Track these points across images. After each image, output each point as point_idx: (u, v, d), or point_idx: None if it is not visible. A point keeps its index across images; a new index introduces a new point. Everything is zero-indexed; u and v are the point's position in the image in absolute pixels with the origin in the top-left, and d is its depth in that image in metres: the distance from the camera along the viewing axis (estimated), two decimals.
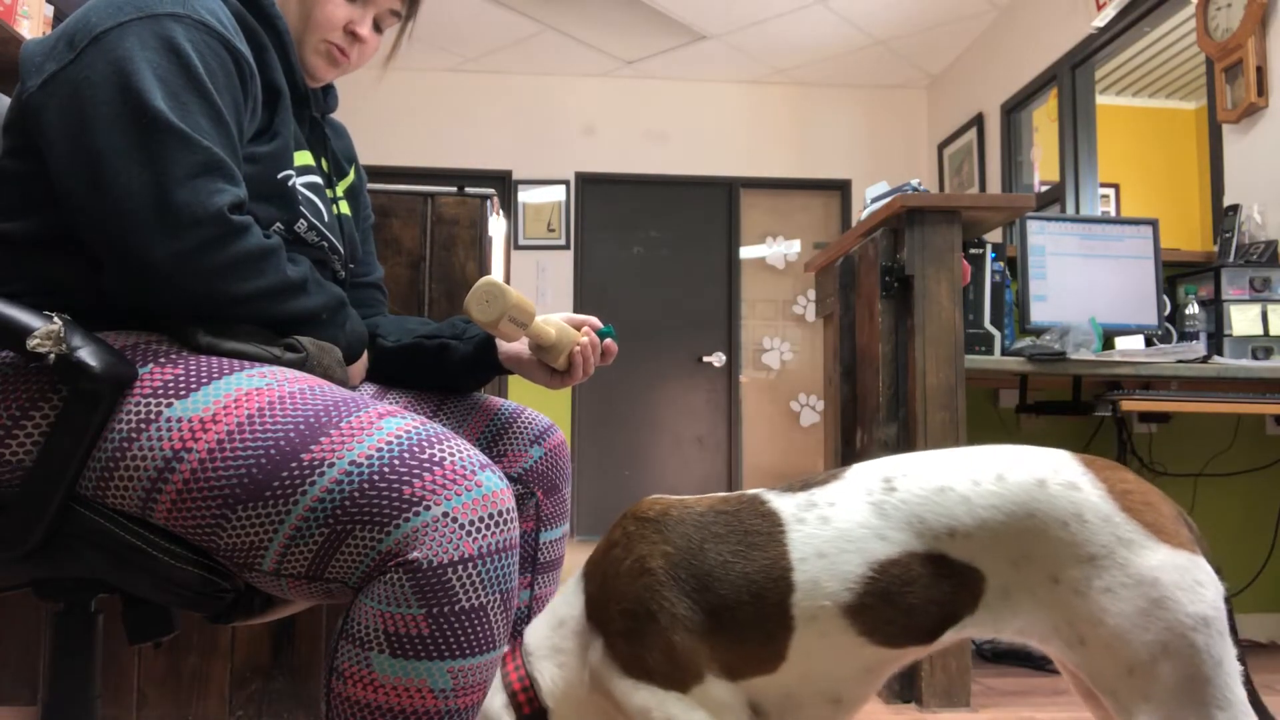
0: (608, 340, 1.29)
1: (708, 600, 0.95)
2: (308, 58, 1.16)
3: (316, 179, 1.17)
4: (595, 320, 1.30)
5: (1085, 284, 2.47)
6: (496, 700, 1.03)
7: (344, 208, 1.26)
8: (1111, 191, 6.11)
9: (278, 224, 1.06)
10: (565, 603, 1.06)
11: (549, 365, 1.27)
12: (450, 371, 1.31)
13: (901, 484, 0.95)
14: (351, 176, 1.32)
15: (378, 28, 1.21)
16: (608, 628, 0.99)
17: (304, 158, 1.16)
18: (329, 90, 1.27)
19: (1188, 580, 0.85)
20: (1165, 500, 0.91)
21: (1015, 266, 2.45)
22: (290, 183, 1.09)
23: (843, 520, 0.94)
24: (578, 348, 1.25)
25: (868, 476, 0.97)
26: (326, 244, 1.15)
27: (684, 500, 1.04)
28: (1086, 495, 0.89)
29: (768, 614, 0.94)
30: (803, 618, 0.93)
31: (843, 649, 0.94)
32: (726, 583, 0.95)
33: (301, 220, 1.10)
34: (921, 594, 0.92)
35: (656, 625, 0.96)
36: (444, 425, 1.28)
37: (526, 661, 1.05)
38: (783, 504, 0.98)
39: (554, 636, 1.04)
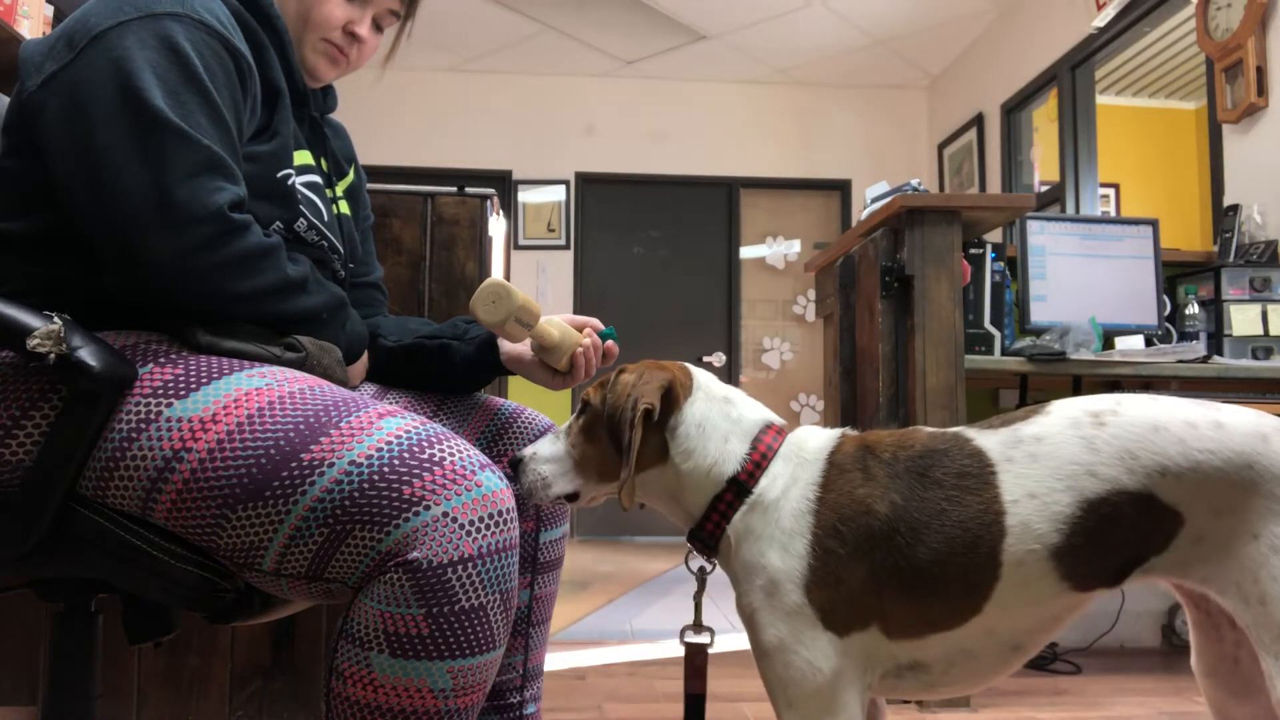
0: (609, 342, 1.30)
1: (918, 555, 0.92)
2: (307, 57, 1.16)
3: (316, 178, 1.17)
4: (597, 322, 1.30)
5: (1085, 284, 2.46)
6: (739, 448, 1.01)
7: (343, 207, 1.26)
8: (1111, 191, 6.10)
9: (277, 223, 1.06)
10: (810, 462, 1.00)
11: (551, 366, 1.27)
12: (451, 372, 1.31)
13: (1112, 420, 0.93)
14: (351, 176, 1.32)
15: (378, 28, 1.21)
16: (816, 532, 0.95)
17: (303, 157, 1.16)
18: (328, 90, 1.27)
19: None
20: None
21: (1015, 266, 2.45)
22: (290, 182, 1.09)
23: (1052, 457, 0.92)
24: (580, 349, 1.25)
25: (1073, 411, 0.95)
26: (326, 243, 1.15)
27: (900, 440, 1.00)
28: None
29: (978, 564, 0.91)
30: (1010, 564, 0.91)
31: (1040, 596, 0.92)
32: (941, 534, 0.92)
33: (301, 219, 1.10)
34: (1123, 533, 0.91)
35: (858, 565, 0.93)
36: (444, 425, 1.28)
37: (780, 449, 1.02)
38: (988, 442, 0.96)
39: (796, 462, 1.00)
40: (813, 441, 1.03)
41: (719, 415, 1.04)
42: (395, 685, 0.84)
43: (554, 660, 2.40)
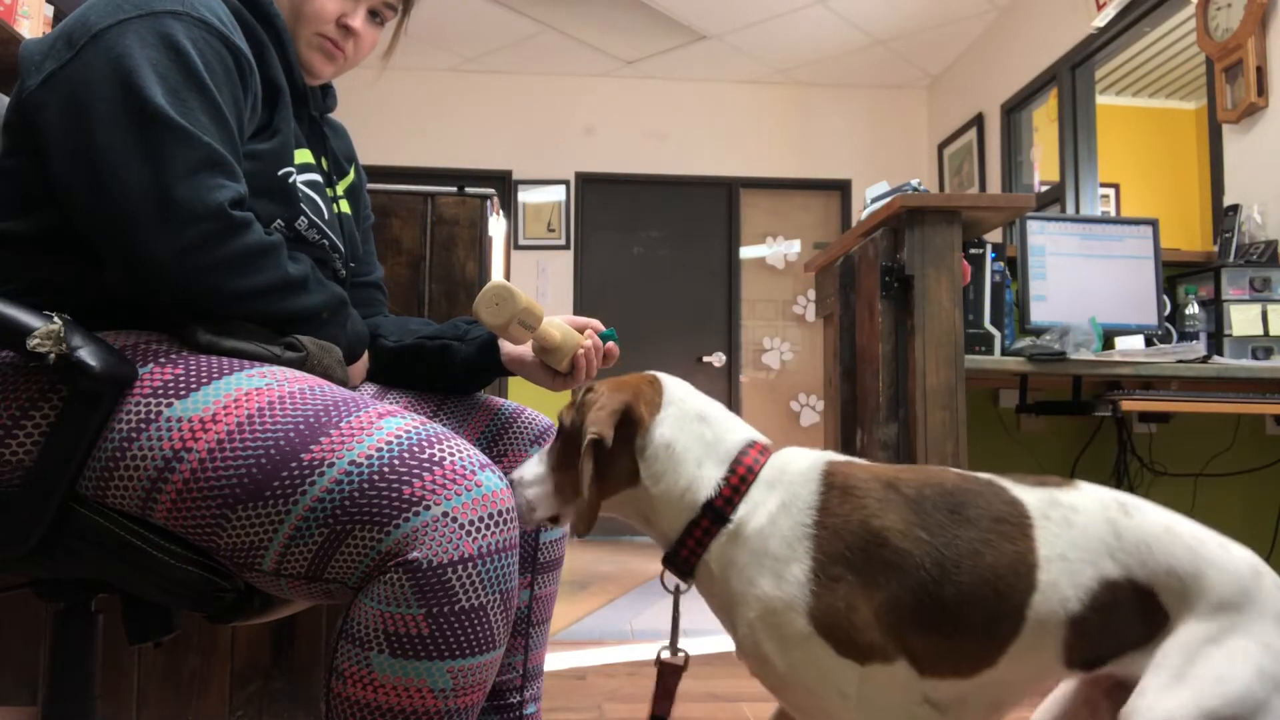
0: (609, 343, 1.29)
1: (945, 593, 0.89)
2: (303, 53, 1.15)
3: (316, 177, 1.17)
4: (597, 323, 1.30)
5: (1085, 284, 2.46)
6: (714, 472, 0.97)
7: (344, 206, 1.26)
8: (1111, 191, 6.10)
9: (278, 221, 1.06)
10: (798, 486, 0.95)
11: (552, 368, 1.27)
12: (452, 373, 1.31)
13: (1135, 513, 0.94)
14: (351, 176, 1.32)
15: (378, 22, 1.21)
16: (818, 558, 0.91)
17: (304, 156, 1.16)
18: (328, 90, 1.27)
19: None
20: None
21: (1015, 266, 2.45)
22: (290, 180, 1.09)
23: (1084, 528, 0.93)
24: (581, 351, 1.25)
25: (1103, 494, 0.96)
26: (327, 242, 1.15)
27: (925, 476, 0.96)
28: None
29: (1004, 613, 0.90)
30: (1032, 620, 0.90)
31: (1039, 662, 0.92)
32: (972, 576, 0.90)
33: (302, 218, 1.10)
34: (1121, 620, 0.92)
35: (873, 594, 0.89)
36: (444, 425, 1.28)
37: (761, 472, 0.97)
38: (1025, 495, 0.95)
39: (783, 486, 0.96)
40: (798, 464, 0.98)
41: (691, 436, 0.98)
42: (395, 685, 0.84)
43: (554, 660, 2.40)
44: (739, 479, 0.96)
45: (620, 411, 0.97)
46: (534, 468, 1.04)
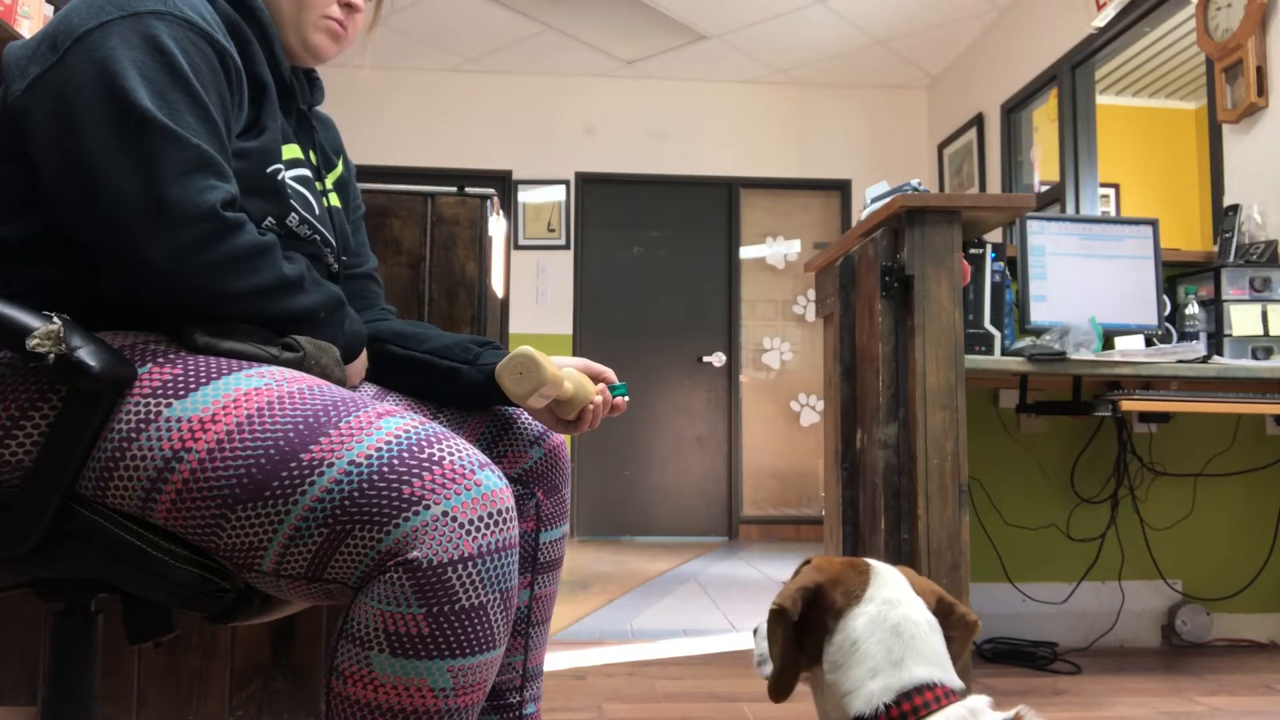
0: (619, 398, 1.30)
1: None
2: (310, 38, 1.16)
3: (306, 172, 1.17)
4: (611, 375, 1.31)
5: (1085, 284, 2.46)
6: (881, 692, 0.91)
7: (334, 200, 1.26)
8: (1111, 191, 6.10)
9: (269, 219, 1.06)
10: None
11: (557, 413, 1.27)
12: (457, 396, 1.29)
13: None
14: (340, 168, 1.32)
15: None
16: None
17: (292, 151, 1.15)
18: (315, 83, 1.26)
19: None
20: None
21: (1015, 266, 2.45)
22: (280, 177, 1.08)
23: None
24: (591, 406, 1.25)
25: None
26: (319, 237, 1.15)
27: None
28: None
29: None
30: None
31: None
32: None
33: (293, 214, 1.09)
34: None
35: None
36: (444, 425, 1.28)
37: (924, 717, 0.91)
38: None
39: None
40: None
41: (877, 644, 0.94)
42: (395, 685, 0.84)
43: (554, 660, 2.40)
44: (900, 713, 0.90)
45: (810, 590, 0.98)
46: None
